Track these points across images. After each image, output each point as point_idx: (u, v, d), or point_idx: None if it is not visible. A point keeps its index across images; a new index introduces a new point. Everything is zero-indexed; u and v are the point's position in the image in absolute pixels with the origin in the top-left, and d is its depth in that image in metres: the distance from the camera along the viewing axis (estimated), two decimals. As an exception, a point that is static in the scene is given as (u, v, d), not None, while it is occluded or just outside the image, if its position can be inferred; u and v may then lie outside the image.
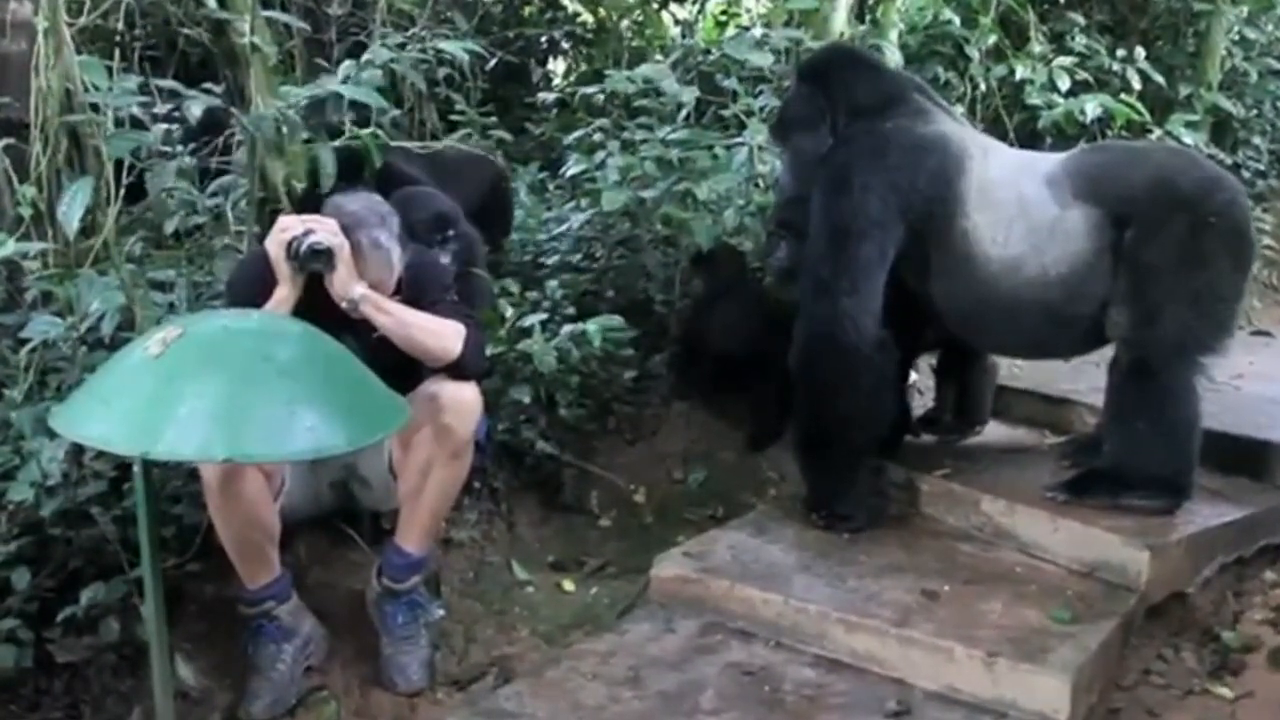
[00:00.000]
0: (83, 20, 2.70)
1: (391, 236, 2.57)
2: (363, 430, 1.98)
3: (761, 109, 4.42)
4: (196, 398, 1.86)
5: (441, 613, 2.89)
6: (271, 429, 1.87)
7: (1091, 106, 4.58)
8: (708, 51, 5.37)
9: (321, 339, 2.10)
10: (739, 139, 3.99)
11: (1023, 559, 2.89)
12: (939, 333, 3.28)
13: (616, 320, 3.41)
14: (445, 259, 3.11)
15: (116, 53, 3.11)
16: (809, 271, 3.06)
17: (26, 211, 2.82)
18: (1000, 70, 4.56)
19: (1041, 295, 2.98)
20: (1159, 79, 5.06)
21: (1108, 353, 4.65)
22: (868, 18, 4.11)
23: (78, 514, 2.51)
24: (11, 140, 2.83)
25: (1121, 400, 3.02)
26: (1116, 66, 5.01)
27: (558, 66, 6.29)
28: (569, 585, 3.16)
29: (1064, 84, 4.54)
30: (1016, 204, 3.00)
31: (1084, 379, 3.88)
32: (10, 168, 2.93)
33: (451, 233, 3.16)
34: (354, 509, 2.92)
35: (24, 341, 2.70)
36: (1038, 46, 4.74)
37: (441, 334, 2.58)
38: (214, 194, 3.21)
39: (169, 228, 3.23)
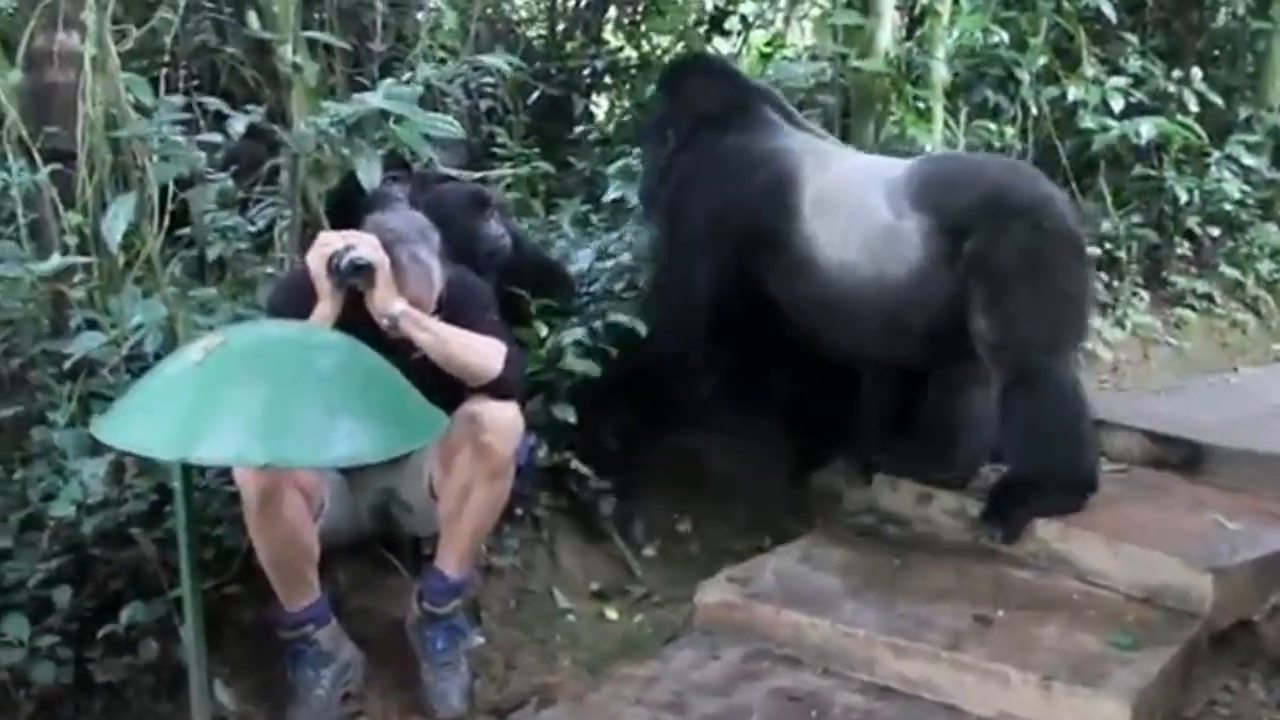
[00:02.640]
0: (129, 45, 2.74)
1: (432, 253, 2.55)
2: (401, 439, 1.97)
3: (807, 133, 4.39)
4: (236, 403, 1.85)
5: (480, 640, 2.86)
6: (310, 435, 1.86)
7: (1147, 129, 4.51)
8: (754, 82, 5.37)
9: (362, 350, 2.08)
10: None
11: (1079, 585, 2.79)
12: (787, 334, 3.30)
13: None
14: (499, 230, 3.10)
15: (163, 81, 3.17)
16: (655, 280, 3.32)
17: (73, 240, 2.86)
18: (1052, 92, 4.48)
19: (878, 300, 3.04)
20: (1217, 100, 4.95)
21: (1167, 379, 4.63)
22: (917, 32, 4.07)
23: (118, 534, 2.51)
24: (59, 166, 2.87)
25: (1008, 411, 2.99)
26: (1173, 88, 4.92)
27: (600, 102, 6.32)
28: (612, 614, 3.10)
29: (1118, 105, 4.45)
30: (853, 212, 3.08)
31: (1141, 407, 3.81)
32: (57, 196, 2.98)
33: (491, 205, 3.15)
34: (394, 534, 2.89)
35: (69, 371, 2.72)
36: (1090, 69, 4.67)
37: (482, 352, 2.56)
38: (255, 220, 3.24)
39: (212, 254, 3.26)
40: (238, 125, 2.62)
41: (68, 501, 2.38)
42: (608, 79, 6.15)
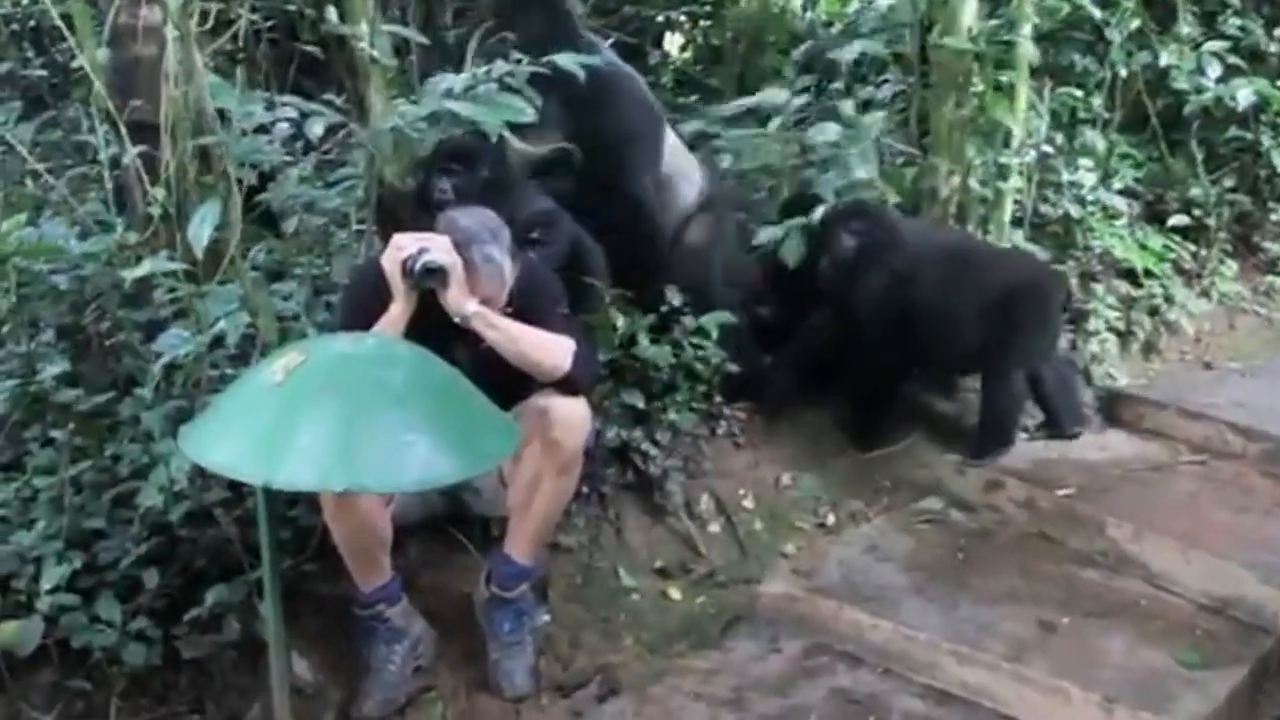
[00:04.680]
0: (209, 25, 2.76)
1: (503, 251, 2.56)
2: (472, 460, 2.02)
3: (883, 99, 4.30)
4: (315, 425, 1.91)
5: (547, 618, 2.91)
6: (386, 459, 1.92)
7: (1244, 94, 4.32)
8: (830, 24, 5.24)
9: (432, 363, 2.12)
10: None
11: (1149, 590, 2.77)
12: None
13: (727, 316, 3.39)
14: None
15: (240, 56, 3.18)
16: None
17: (157, 211, 2.91)
18: (1144, 58, 4.30)
19: None
20: (1322, 60, 4.71)
21: (1254, 350, 4.51)
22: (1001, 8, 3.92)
23: (202, 515, 2.59)
24: (145, 147, 2.92)
25: None
26: (1274, 48, 4.69)
27: (674, 41, 6.22)
28: (675, 593, 3.13)
29: (1214, 71, 4.26)
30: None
31: (1224, 392, 3.71)
32: (141, 168, 3.03)
33: (536, 234, 3.12)
34: (464, 514, 2.95)
35: (153, 335, 2.80)
36: (1186, 28, 4.46)
37: (552, 350, 2.58)
38: (331, 185, 3.28)
39: (289, 228, 3.31)
40: (316, 127, 2.63)
41: (155, 489, 2.46)
42: (683, 20, 6.05)
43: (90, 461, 2.64)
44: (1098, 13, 3.98)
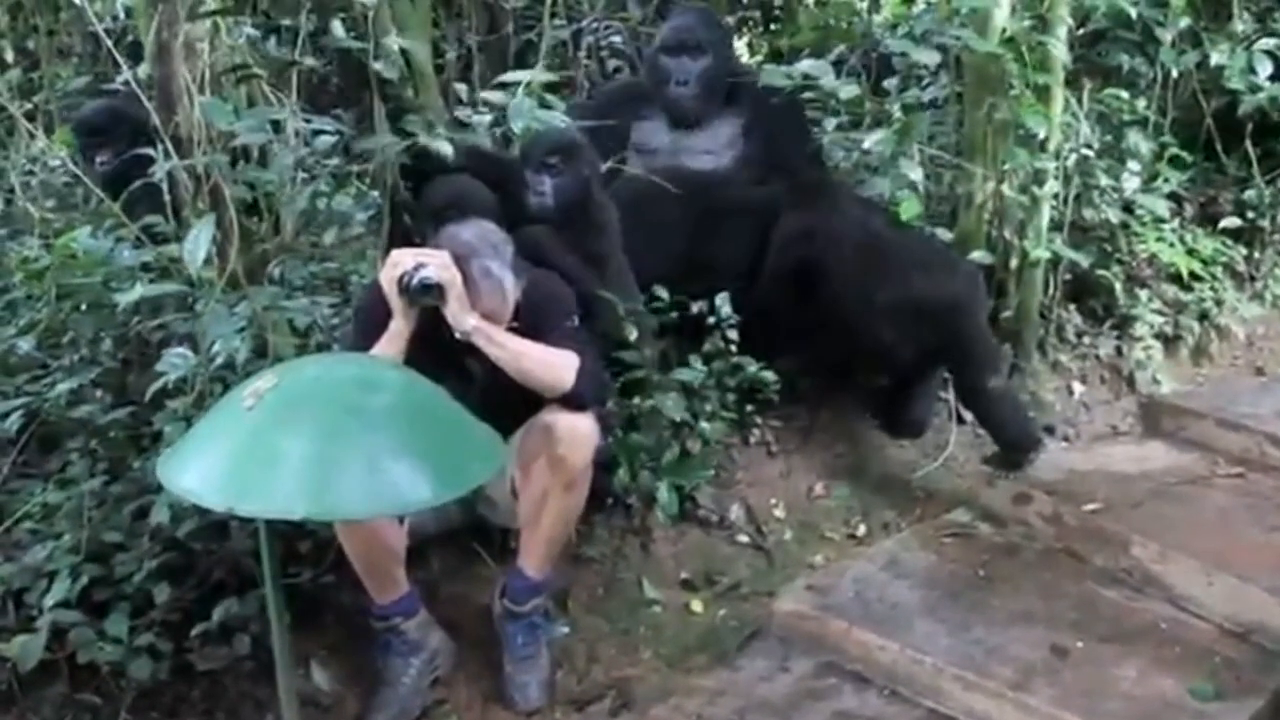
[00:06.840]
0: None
1: (504, 265, 2.56)
2: (451, 484, 1.97)
3: (931, 102, 4.23)
4: (284, 453, 1.88)
5: (564, 630, 2.92)
6: (359, 485, 1.88)
7: (1300, 94, 4.16)
8: (895, 26, 5.16)
9: (418, 386, 2.10)
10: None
11: (1171, 613, 2.69)
12: None
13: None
14: (544, 188, 3.02)
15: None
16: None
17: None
18: (1192, 58, 4.17)
19: None
20: (1391, 58, 4.51)
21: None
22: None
23: (217, 528, 2.63)
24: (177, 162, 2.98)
25: None
26: (1337, 43, 4.50)
27: (740, 44, 6.19)
28: (697, 606, 3.11)
29: (1264, 69, 4.12)
30: None
31: (1270, 401, 3.59)
32: (188, 182, 3.10)
33: (554, 160, 3.03)
34: (483, 525, 2.97)
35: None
36: (1240, 25, 4.32)
37: (554, 366, 2.58)
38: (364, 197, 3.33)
39: (328, 239, 3.36)
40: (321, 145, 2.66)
41: (165, 504, 2.51)
42: (744, 28, 6.02)
43: (117, 474, 2.71)
44: (1134, 11, 3.86)
